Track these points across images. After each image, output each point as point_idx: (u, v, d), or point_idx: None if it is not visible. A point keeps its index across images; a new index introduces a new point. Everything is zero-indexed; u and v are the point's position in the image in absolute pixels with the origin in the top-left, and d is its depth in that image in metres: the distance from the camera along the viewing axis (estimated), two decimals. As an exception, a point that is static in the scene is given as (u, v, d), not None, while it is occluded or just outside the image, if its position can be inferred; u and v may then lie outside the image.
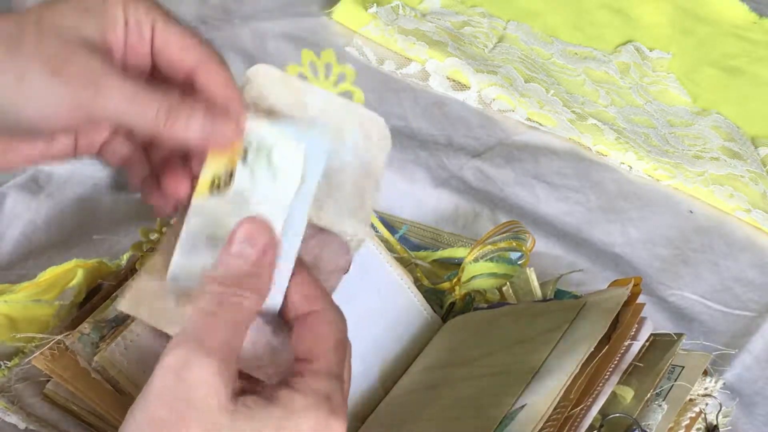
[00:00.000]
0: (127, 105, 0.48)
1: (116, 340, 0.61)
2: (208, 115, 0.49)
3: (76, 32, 0.49)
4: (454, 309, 0.76)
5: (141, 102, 0.49)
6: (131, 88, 0.49)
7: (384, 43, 1.06)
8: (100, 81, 0.48)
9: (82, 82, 0.48)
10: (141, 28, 0.51)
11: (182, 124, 0.49)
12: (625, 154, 0.99)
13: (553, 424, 0.57)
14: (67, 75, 0.48)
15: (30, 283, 0.71)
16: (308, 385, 0.47)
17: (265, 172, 0.50)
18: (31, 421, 0.68)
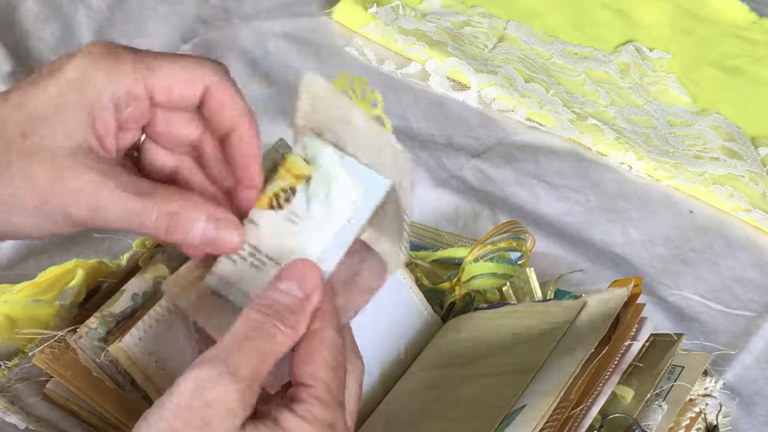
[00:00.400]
0: (126, 216, 0.48)
1: (130, 331, 0.61)
2: (210, 222, 0.49)
3: (62, 142, 0.48)
4: (454, 309, 0.76)
5: (139, 213, 0.48)
6: (128, 201, 0.48)
7: (384, 43, 1.06)
8: (95, 200, 0.48)
9: (75, 205, 0.48)
10: (133, 94, 0.50)
11: (184, 231, 0.49)
12: (625, 154, 0.99)
13: (553, 425, 0.57)
14: (59, 199, 0.48)
15: (30, 283, 0.71)
16: (311, 412, 0.48)
17: (320, 203, 0.51)
18: (31, 421, 0.68)
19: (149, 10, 1.06)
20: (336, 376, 0.49)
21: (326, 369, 0.49)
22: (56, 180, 0.48)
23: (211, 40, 1.03)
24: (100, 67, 0.49)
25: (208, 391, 0.46)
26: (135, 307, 0.64)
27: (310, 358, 0.49)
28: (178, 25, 1.04)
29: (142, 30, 1.04)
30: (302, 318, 0.49)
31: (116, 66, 0.49)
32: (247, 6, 1.09)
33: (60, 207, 0.48)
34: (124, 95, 0.50)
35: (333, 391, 0.49)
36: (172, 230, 0.49)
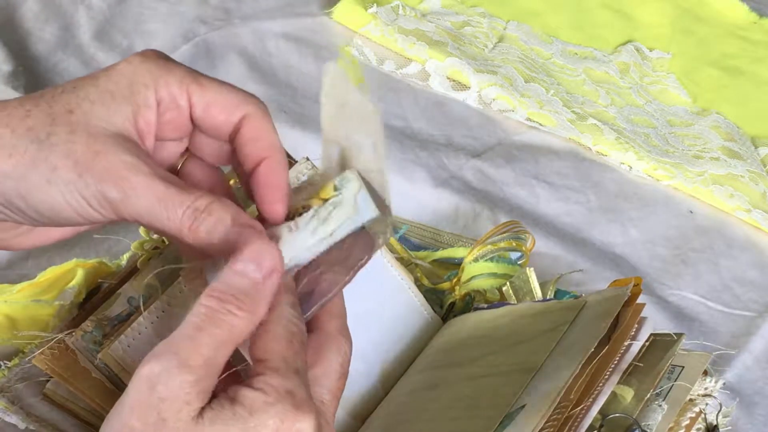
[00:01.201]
0: (154, 206, 0.48)
1: (119, 338, 0.61)
2: (234, 227, 0.49)
3: (105, 125, 0.49)
4: (454, 309, 0.76)
5: (168, 203, 0.48)
6: (160, 188, 0.48)
7: (384, 43, 1.06)
8: (128, 181, 0.48)
9: (109, 182, 0.48)
10: (177, 101, 0.51)
11: (207, 231, 0.48)
12: (625, 154, 0.99)
13: (553, 424, 0.57)
14: (95, 175, 0.48)
15: (30, 283, 0.71)
16: (267, 382, 0.47)
17: (317, 221, 0.51)
18: (31, 421, 0.68)
19: (149, 10, 1.06)
20: (289, 345, 0.48)
21: (278, 341, 0.48)
22: (94, 154, 0.48)
23: (211, 40, 1.03)
24: (151, 69, 0.51)
25: (161, 386, 0.45)
26: (130, 310, 0.64)
27: (262, 334, 0.48)
28: (178, 25, 1.04)
29: (142, 30, 1.04)
30: (261, 301, 0.48)
31: (166, 71, 0.51)
32: (247, 6, 1.09)
33: (95, 182, 0.48)
34: (167, 99, 0.51)
35: (289, 360, 0.48)
36: (196, 228, 0.48)
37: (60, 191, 0.48)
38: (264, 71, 1.01)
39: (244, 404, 0.46)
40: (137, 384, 0.45)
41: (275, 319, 0.49)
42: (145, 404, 0.45)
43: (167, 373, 0.45)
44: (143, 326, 0.62)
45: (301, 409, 0.46)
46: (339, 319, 0.53)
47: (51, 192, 0.49)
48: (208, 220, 0.48)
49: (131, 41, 1.02)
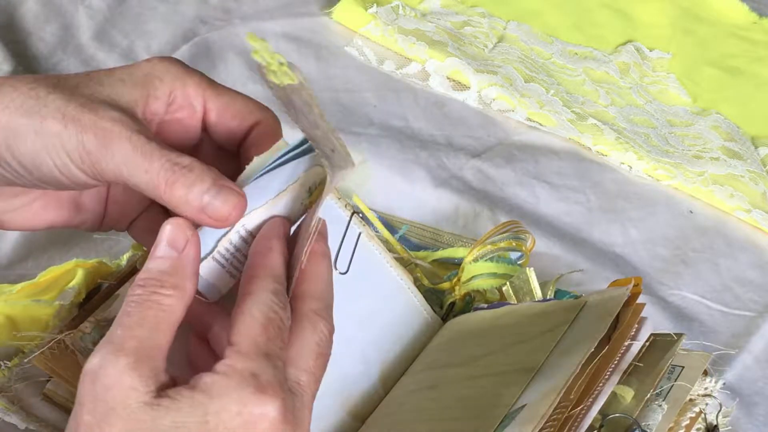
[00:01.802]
0: (133, 156, 0.48)
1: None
2: (214, 186, 0.48)
3: (106, 96, 0.50)
4: (454, 309, 0.76)
5: (148, 154, 0.48)
6: (140, 140, 0.48)
7: (384, 43, 1.06)
8: (109, 131, 0.48)
9: (90, 132, 0.48)
10: (191, 102, 0.52)
11: (184, 186, 0.48)
12: (625, 154, 0.99)
13: (553, 424, 0.57)
14: (80, 125, 0.48)
15: (30, 283, 0.71)
16: (230, 365, 0.46)
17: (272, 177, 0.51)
18: (31, 421, 0.68)
19: (149, 10, 1.06)
20: (264, 331, 0.47)
21: (251, 325, 0.47)
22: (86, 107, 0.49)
23: (211, 40, 1.03)
24: (170, 69, 0.52)
25: (102, 376, 0.44)
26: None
27: (237, 319, 0.47)
28: (178, 25, 1.04)
29: (142, 30, 1.04)
30: (183, 275, 0.48)
31: (184, 73, 0.52)
32: (247, 6, 1.09)
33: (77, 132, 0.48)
34: (181, 97, 0.52)
35: (258, 344, 0.47)
36: (174, 181, 0.48)
37: (44, 143, 0.48)
38: (264, 71, 1.01)
39: (204, 390, 0.45)
40: (82, 380, 0.45)
41: (252, 304, 0.48)
42: (92, 397, 0.44)
43: (105, 361, 0.45)
44: None
45: (265, 392, 0.45)
46: (318, 301, 0.51)
47: (36, 143, 0.49)
48: (188, 175, 0.48)
49: (131, 41, 1.02)
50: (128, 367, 0.44)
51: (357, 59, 1.04)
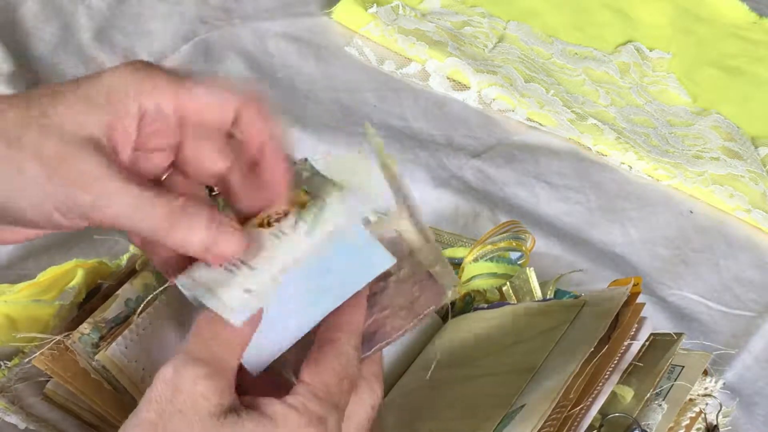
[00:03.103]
0: (129, 208, 0.47)
1: (117, 339, 0.61)
2: (211, 224, 0.49)
3: (79, 131, 0.48)
4: (454, 309, 0.76)
5: (144, 204, 0.48)
6: (134, 191, 0.48)
7: (384, 43, 1.06)
8: (101, 184, 0.47)
9: (79, 186, 0.47)
10: (162, 111, 0.50)
11: (183, 231, 0.48)
12: (625, 154, 0.99)
13: (552, 424, 0.57)
14: (63, 178, 0.47)
15: (30, 283, 0.71)
16: (303, 404, 0.48)
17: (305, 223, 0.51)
18: (31, 421, 0.68)
19: (149, 10, 1.06)
20: (339, 383, 0.50)
21: (331, 374, 0.49)
22: (64, 157, 0.47)
23: (211, 40, 1.03)
24: (135, 79, 0.50)
25: (176, 380, 0.46)
26: (128, 312, 0.64)
27: (319, 363, 0.49)
28: (178, 25, 1.04)
29: (142, 30, 1.04)
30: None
31: (149, 80, 0.50)
32: (247, 6, 1.09)
33: (64, 186, 0.47)
34: (153, 109, 0.50)
35: (332, 393, 0.49)
36: (174, 226, 0.48)
37: (25, 195, 0.48)
38: (264, 71, 1.01)
39: (272, 417, 0.47)
40: (156, 383, 0.47)
41: (336, 354, 0.50)
42: (162, 398, 0.46)
43: (181, 368, 0.46)
44: (141, 327, 0.62)
45: None
46: (377, 365, 0.54)
47: (14, 188, 0.48)
48: (184, 219, 0.48)
49: (131, 41, 1.02)
50: (202, 376, 0.46)
51: (357, 59, 1.04)
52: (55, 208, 0.48)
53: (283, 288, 0.50)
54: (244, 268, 0.50)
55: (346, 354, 0.51)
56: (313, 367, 0.49)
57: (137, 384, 0.61)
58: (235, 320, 0.48)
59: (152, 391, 0.47)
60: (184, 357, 0.47)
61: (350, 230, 0.51)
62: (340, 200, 0.52)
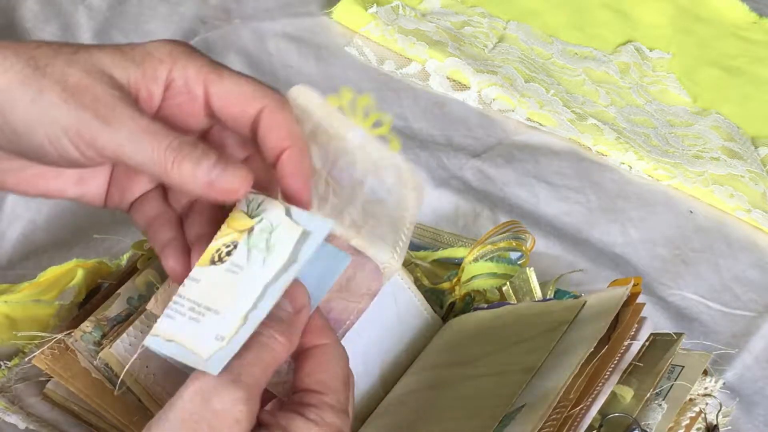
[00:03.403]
0: (136, 138, 0.48)
1: (121, 337, 0.61)
2: (220, 161, 0.48)
3: (104, 70, 0.49)
4: (454, 309, 0.76)
5: (151, 137, 0.48)
6: (145, 120, 0.48)
7: (384, 43, 1.06)
8: (112, 112, 0.48)
9: (92, 111, 0.48)
10: (191, 89, 0.51)
11: (191, 165, 0.48)
12: (625, 154, 0.99)
13: (552, 424, 0.57)
14: (79, 102, 0.48)
15: (30, 283, 0.71)
16: (322, 417, 0.48)
17: (260, 251, 0.50)
18: (31, 421, 0.68)
19: (149, 10, 1.06)
20: (345, 387, 0.50)
21: (337, 380, 0.50)
22: (84, 85, 0.48)
23: (211, 40, 1.03)
24: (172, 52, 0.51)
25: (214, 399, 0.46)
26: (130, 310, 0.64)
27: (324, 369, 0.50)
28: (178, 25, 1.04)
29: (142, 30, 1.04)
30: (295, 330, 0.49)
31: (186, 57, 0.51)
32: (247, 6, 1.09)
33: (77, 109, 0.48)
34: (180, 83, 0.51)
35: (342, 402, 0.50)
36: (180, 160, 0.48)
37: (39, 114, 0.48)
38: (264, 71, 1.01)
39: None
40: (188, 396, 0.46)
41: (335, 357, 0.51)
42: (197, 417, 0.46)
43: (221, 388, 0.46)
44: (145, 325, 0.62)
45: None
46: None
47: (32, 112, 0.48)
48: (194, 153, 0.48)
49: (131, 41, 1.02)
50: (241, 401, 0.46)
51: (357, 59, 1.04)
52: (69, 139, 0.48)
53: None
54: (209, 314, 0.49)
55: (343, 355, 0.51)
56: (318, 375, 0.50)
57: (141, 381, 0.61)
58: (213, 370, 0.47)
59: (185, 405, 0.46)
60: (227, 377, 0.46)
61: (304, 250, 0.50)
62: (288, 220, 0.51)
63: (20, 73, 0.48)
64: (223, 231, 0.51)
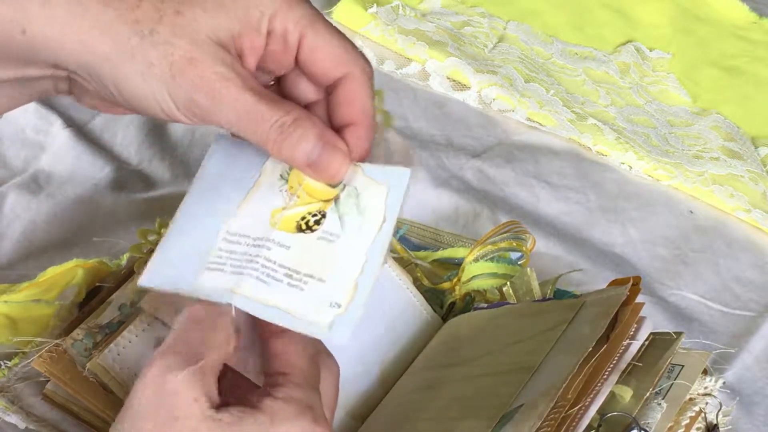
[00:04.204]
0: (242, 118, 0.49)
1: (109, 347, 0.61)
2: (318, 143, 0.50)
3: (209, 33, 0.49)
4: (454, 309, 0.76)
5: (256, 116, 0.49)
6: (249, 101, 0.49)
7: (384, 43, 1.06)
8: (219, 92, 0.49)
9: (201, 91, 0.49)
10: (287, 38, 0.51)
11: (290, 145, 0.49)
12: (625, 154, 0.99)
13: (550, 424, 0.57)
14: (187, 80, 0.48)
15: (30, 283, 0.72)
16: (290, 395, 0.48)
17: (353, 217, 0.51)
18: (31, 421, 0.68)
19: (149, 10, 1.06)
20: (311, 363, 0.50)
21: (301, 357, 0.50)
22: (190, 60, 0.49)
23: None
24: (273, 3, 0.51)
25: (168, 383, 0.46)
26: (121, 318, 0.64)
27: (286, 350, 0.50)
28: (179, 26, 1.04)
29: (143, 30, 1.03)
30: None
31: (286, 8, 0.51)
32: (247, 6, 1.08)
33: (187, 87, 0.48)
34: (279, 32, 0.51)
35: (309, 377, 0.50)
36: (281, 141, 0.49)
37: (151, 88, 0.49)
38: (264, 71, 1.01)
39: (266, 412, 0.47)
40: (143, 386, 0.47)
41: (298, 338, 0.50)
42: (155, 404, 0.46)
43: (168, 370, 0.46)
44: (134, 334, 0.62)
45: (319, 424, 0.48)
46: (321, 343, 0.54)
47: (142, 86, 0.49)
48: (293, 135, 0.49)
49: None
50: (193, 377, 0.46)
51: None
52: (176, 106, 0.49)
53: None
54: (312, 281, 0.50)
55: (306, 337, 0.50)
56: (283, 356, 0.50)
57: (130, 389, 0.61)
58: (339, 338, 0.48)
59: (141, 395, 0.47)
60: (172, 359, 0.47)
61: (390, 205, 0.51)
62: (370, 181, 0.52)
63: (127, 43, 0.48)
64: (304, 199, 0.52)
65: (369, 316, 0.70)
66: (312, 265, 0.50)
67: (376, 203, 0.51)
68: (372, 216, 0.51)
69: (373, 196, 0.51)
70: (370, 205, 0.51)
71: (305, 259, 0.51)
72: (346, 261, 0.50)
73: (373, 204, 0.51)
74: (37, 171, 0.87)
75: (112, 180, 0.88)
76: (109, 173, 0.88)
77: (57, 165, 0.87)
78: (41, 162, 0.87)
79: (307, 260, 0.51)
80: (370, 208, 0.51)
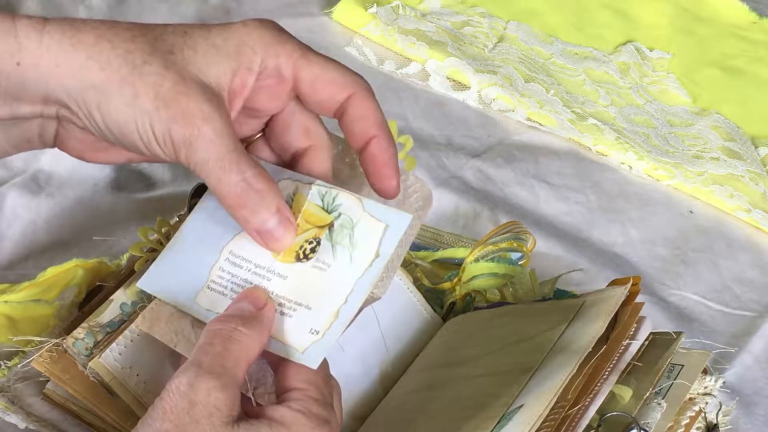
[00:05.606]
0: (213, 163, 0.50)
1: (111, 346, 0.61)
2: (275, 217, 0.51)
3: (199, 73, 0.50)
4: (454, 309, 0.76)
5: (227, 166, 0.50)
6: (223, 148, 0.49)
7: (384, 43, 1.06)
8: (198, 129, 0.49)
9: (180, 125, 0.49)
10: (281, 71, 0.52)
11: (248, 211, 0.51)
12: (625, 154, 0.99)
13: (550, 424, 0.57)
14: (170, 114, 0.49)
15: (30, 283, 0.71)
16: (308, 408, 0.49)
17: (345, 247, 0.52)
18: (31, 420, 0.68)
19: (149, 10, 1.06)
20: (326, 382, 0.51)
21: (317, 375, 0.51)
22: (177, 94, 0.49)
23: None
24: (264, 37, 0.53)
25: (191, 392, 0.48)
26: (123, 317, 0.64)
27: (304, 369, 0.51)
28: (178, 26, 1.04)
29: (143, 30, 1.04)
30: (261, 323, 0.51)
31: (276, 42, 0.53)
32: (247, 6, 1.09)
33: (167, 119, 0.49)
34: (271, 67, 0.52)
35: (325, 394, 0.51)
36: (242, 203, 0.50)
37: (134, 118, 0.49)
38: (264, 71, 1.01)
39: (284, 423, 0.49)
40: (169, 395, 0.48)
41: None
42: (177, 409, 0.47)
43: (195, 380, 0.48)
44: (135, 333, 0.62)
45: None
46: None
47: (126, 116, 0.50)
48: (255, 202, 0.50)
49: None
50: (218, 389, 0.48)
51: (357, 59, 1.04)
52: (155, 138, 0.50)
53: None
54: (300, 309, 0.52)
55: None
56: (300, 374, 0.51)
57: (131, 390, 0.61)
58: (311, 363, 0.50)
59: (165, 401, 0.48)
60: (197, 370, 0.48)
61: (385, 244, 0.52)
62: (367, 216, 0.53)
63: (117, 72, 0.49)
64: (302, 226, 0.53)
65: (369, 316, 0.70)
66: (304, 294, 0.52)
67: (370, 238, 0.52)
68: (364, 250, 0.52)
69: (368, 231, 0.52)
70: (364, 239, 0.52)
71: (299, 288, 0.52)
72: (332, 290, 0.51)
73: (368, 238, 0.52)
74: (37, 171, 0.87)
75: (112, 180, 0.88)
76: (109, 173, 0.88)
77: (57, 165, 0.87)
78: (41, 162, 0.87)
79: (301, 289, 0.52)
80: (363, 242, 0.52)
